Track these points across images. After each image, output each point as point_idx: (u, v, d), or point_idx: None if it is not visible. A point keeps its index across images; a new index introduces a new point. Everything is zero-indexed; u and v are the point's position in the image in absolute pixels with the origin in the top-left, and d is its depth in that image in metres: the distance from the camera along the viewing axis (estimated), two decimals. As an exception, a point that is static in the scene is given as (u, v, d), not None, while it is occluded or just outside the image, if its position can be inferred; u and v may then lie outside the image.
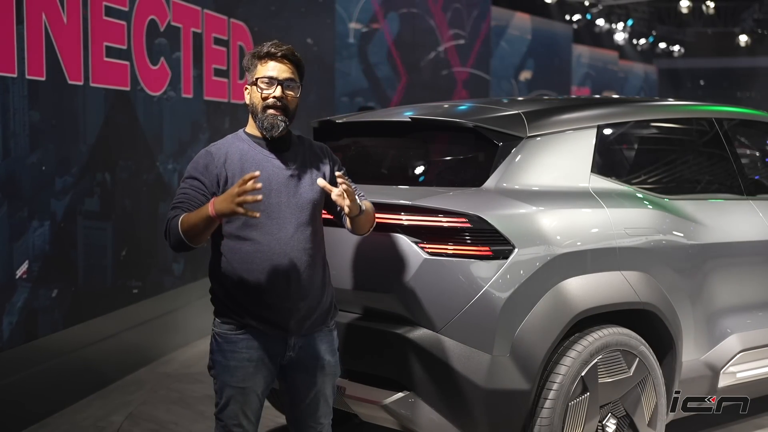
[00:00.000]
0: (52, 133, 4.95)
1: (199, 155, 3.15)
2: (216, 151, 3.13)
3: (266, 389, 3.17)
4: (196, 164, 3.12)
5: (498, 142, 3.84)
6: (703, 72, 34.42)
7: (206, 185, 3.07)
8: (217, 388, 3.14)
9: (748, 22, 27.78)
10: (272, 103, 3.08)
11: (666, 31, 29.75)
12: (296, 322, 3.13)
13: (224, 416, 3.12)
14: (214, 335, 3.16)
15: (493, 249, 3.55)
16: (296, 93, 3.13)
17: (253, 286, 3.07)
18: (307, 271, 3.12)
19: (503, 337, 3.54)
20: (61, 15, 4.99)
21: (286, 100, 3.09)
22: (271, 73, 3.09)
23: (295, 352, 3.17)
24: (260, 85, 3.09)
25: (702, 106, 4.89)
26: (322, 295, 3.21)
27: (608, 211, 3.90)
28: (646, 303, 3.91)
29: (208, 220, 2.89)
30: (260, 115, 3.10)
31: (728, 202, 4.58)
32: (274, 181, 3.10)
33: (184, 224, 2.95)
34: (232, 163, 3.09)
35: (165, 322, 6.46)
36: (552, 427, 3.60)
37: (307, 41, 9.28)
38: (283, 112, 3.09)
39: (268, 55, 3.11)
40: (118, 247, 5.72)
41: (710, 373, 4.27)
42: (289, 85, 3.10)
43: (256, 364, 3.11)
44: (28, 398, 4.84)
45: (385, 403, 3.64)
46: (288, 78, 3.10)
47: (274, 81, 3.08)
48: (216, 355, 3.15)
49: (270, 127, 3.09)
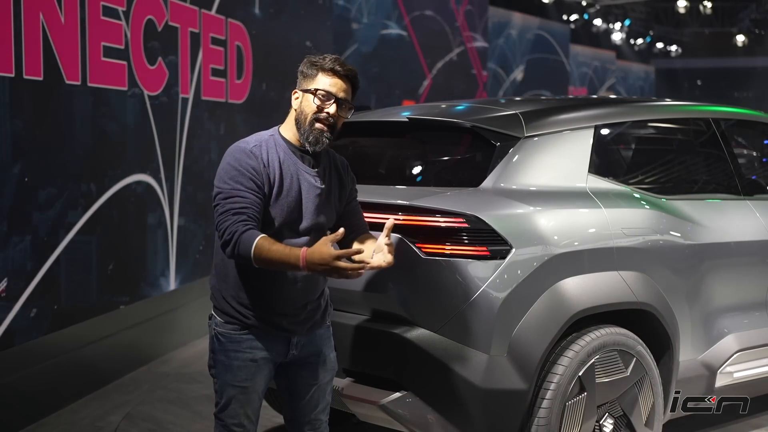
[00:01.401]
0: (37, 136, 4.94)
1: (243, 152, 3.02)
2: (258, 152, 3.04)
3: (265, 388, 3.18)
4: (242, 162, 3.00)
5: (495, 142, 3.84)
6: (700, 72, 34.49)
7: (260, 187, 2.99)
8: (218, 387, 3.14)
9: (746, 22, 27.85)
10: (324, 118, 3.04)
11: (663, 31, 29.81)
12: (301, 324, 3.15)
13: (225, 416, 3.12)
14: (216, 335, 3.15)
15: (490, 249, 3.56)
16: (347, 115, 3.11)
17: (260, 288, 3.07)
18: (313, 276, 3.12)
19: (500, 337, 3.54)
20: (59, 14, 4.99)
21: (338, 120, 3.07)
22: (332, 89, 3.04)
23: (298, 350, 3.18)
24: (319, 96, 3.04)
25: (699, 107, 4.90)
26: (321, 296, 3.24)
27: (605, 212, 3.91)
28: (643, 303, 3.91)
29: (293, 267, 2.84)
30: (307, 127, 3.05)
31: (725, 203, 4.58)
32: (305, 198, 3.08)
33: (262, 252, 2.84)
34: (273, 170, 3.03)
35: (163, 322, 6.46)
36: (549, 426, 3.61)
37: (306, 44, 9.29)
38: (330, 130, 3.06)
39: (333, 70, 3.06)
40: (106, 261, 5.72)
41: (707, 373, 4.28)
42: (344, 105, 3.07)
43: (259, 363, 3.11)
44: (25, 398, 4.84)
45: (383, 402, 3.64)
46: (346, 98, 3.07)
47: (332, 97, 3.04)
48: (218, 354, 3.14)
49: (315, 141, 3.05)
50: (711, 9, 26.84)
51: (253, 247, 2.84)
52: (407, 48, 14.59)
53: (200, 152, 6.82)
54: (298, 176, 3.08)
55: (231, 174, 2.98)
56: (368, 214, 3.70)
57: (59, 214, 5.04)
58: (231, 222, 2.90)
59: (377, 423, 3.87)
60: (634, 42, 28.94)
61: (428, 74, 15.11)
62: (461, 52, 16.39)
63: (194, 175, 6.72)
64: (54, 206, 4.98)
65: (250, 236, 2.86)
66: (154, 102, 6.16)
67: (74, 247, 5.17)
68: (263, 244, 2.85)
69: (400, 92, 14.37)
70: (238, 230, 2.88)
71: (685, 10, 25.90)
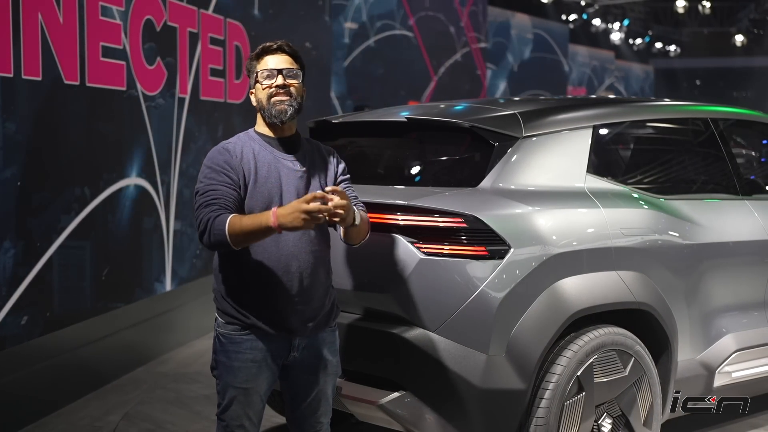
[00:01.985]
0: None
1: (217, 151, 3.11)
2: (232, 148, 3.11)
3: (268, 390, 3.18)
4: (215, 160, 3.07)
5: (494, 142, 3.84)
6: (699, 72, 34.49)
7: (234, 180, 3.03)
8: (220, 388, 3.14)
9: (744, 22, 27.86)
10: (275, 91, 3.08)
11: (662, 30, 29.82)
12: (301, 324, 3.13)
13: (227, 417, 3.12)
14: (217, 335, 3.16)
15: (489, 249, 3.56)
16: (298, 80, 3.13)
17: (261, 288, 3.07)
18: (314, 273, 3.12)
19: (499, 337, 3.54)
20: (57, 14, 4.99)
21: (290, 87, 3.09)
22: (270, 65, 3.11)
23: (299, 353, 3.17)
24: (261, 80, 3.10)
25: (697, 106, 4.90)
26: (326, 297, 3.22)
27: (604, 211, 3.91)
28: (641, 303, 3.92)
29: (267, 230, 2.86)
30: (267, 107, 3.10)
31: (724, 202, 4.59)
32: (284, 182, 3.10)
33: (235, 228, 2.89)
34: (248, 162, 3.08)
35: (162, 321, 6.46)
36: (548, 426, 3.61)
37: (306, 44, 9.29)
38: (289, 96, 3.09)
39: (264, 51, 3.14)
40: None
41: (706, 373, 4.28)
42: (290, 73, 3.11)
43: (260, 365, 3.11)
44: (24, 398, 4.84)
45: (382, 402, 3.64)
46: (288, 68, 3.11)
47: (274, 72, 3.09)
48: (219, 355, 3.14)
49: (278, 113, 3.08)
50: (710, 9, 26.85)
51: (227, 226, 2.89)
52: (412, 48, 14.61)
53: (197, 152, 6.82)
54: (276, 164, 3.11)
55: (206, 173, 3.07)
56: (370, 214, 3.70)
57: (52, 217, 5.04)
58: (204, 213, 2.97)
59: (376, 423, 3.88)
60: (633, 42, 28.94)
61: (433, 75, 15.13)
62: (466, 53, 16.41)
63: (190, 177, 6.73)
64: (47, 209, 4.99)
65: (222, 219, 2.92)
66: (151, 102, 6.16)
67: (64, 252, 5.16)
68: (234, 221, 2.90)
69: (405, 93, 14.36)
70: (210, 218, 2.95)
71: (684, 10, 25.91)
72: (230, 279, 3.12)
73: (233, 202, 3.00)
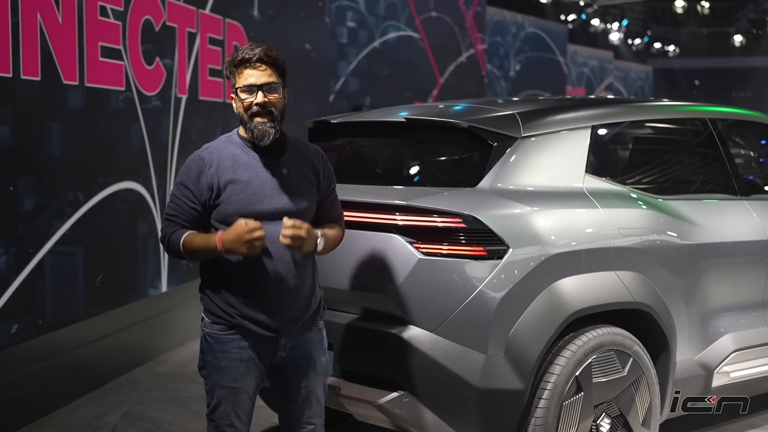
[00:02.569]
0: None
1: (192, 160, 3.11)
2: (208, 156, 3.09)
3: (257, 389, 3.17)
4: (189, 171, 3.08)
5: (492, 142, 3.84)
6: (697, 72, 34.50)
7: (196, 195, 3.05)
8: (209, 388, 3.14)
9: (743, 22, 27.88)
10: (256, 110, 3.03)
11: (661, 31, 29.83)
12: (288, 324, 3.12)
13: (216, 416, 3.12)
14: (204, 336, 3.16)
15: (487, 249, 3.56)
16: (279, 94, 3.07)
17: (247, 288, 3.07)
18: (300, 274, 3.12)
19: (498, 337, 3.55)
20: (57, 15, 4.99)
21: (270, 104, 3.04)
22: (250, 80, 3.03)
23: (286, 352, 3.16)
24: (240, 95, 3.05)
25: (696, 107, 4.90)
26: (312, 296, 3.20)
27: (602, 212, 3.91)
28: (640, 303, 3.92)
29: (214, 252, 2.99)
30: (249, 124, 3.06)
31: (722, 203, 4.59)
32: (267, 186, 3.08)
33: (187, 246, 3.03)
34: (225, 168, 3.06)
35: (160, 322, 6.46)
36: (546, 426, 3.61)
37: (305, 46, 9.28)
38: (269, 118, 3.04)
39: (242, 62, 3.05)
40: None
41: (704, 373, 4.28)
42: (270, 88, 3.05)
43: (247, 363, 3.10)
44: (22, 398, 4.84)
45: (380, 402, 3.64)
46: (267, 82, 3.04)
47: (254, 88, 3.03)
48: (207, 355, 3.15)
49: (261, 135, 3.04)
50: (708, 9, 26.87)
51: (180, 245, 3.05)
52: (417, 50, 14.58)
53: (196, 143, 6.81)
54: (259, 169, 3.09)
55: (177, 180, 3.13)
56: (366, 214, 3.71)
57: (44, 219, 5.04)
58: (163, 228, 3.12)
59: (374, 423, 3.88)
60: (632, 42, 28.95)
61: (439, 77, 15.12)
62: (471, 54, 16.39)
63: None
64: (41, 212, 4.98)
65: (177, 236, 3.06)
66: (148, 103, 6.16)
67: (57, 255, 5.16)
68: (187, 241, 3.04)
69: (411, 94, 14.33)
70: (167, 234, 3.10)
71: (683, 10, 25.93)
72: (216, 279, 3.12)
73: (191, 219, 3.08)
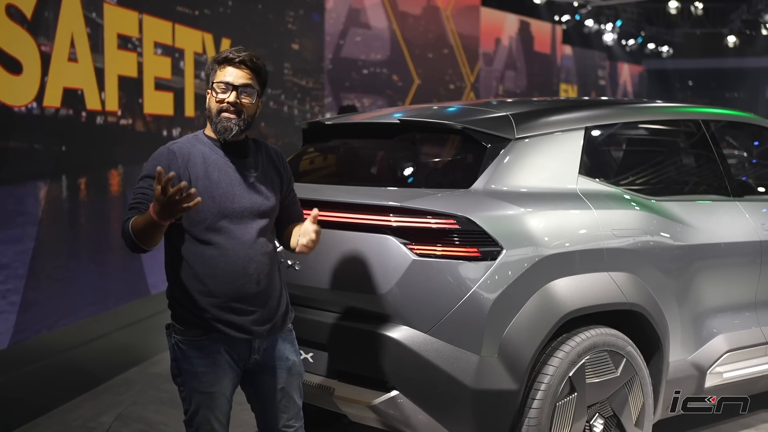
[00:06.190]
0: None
1: (160, 153, 3.07)
2: (178, 150, 3.07)
3: (233, 391, 3.16)
4: (157, 162, 3.03)
5: (486, 143, 3.85)
6: (691, 73, 34.54)
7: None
8: (185, 395, 3.11)
9: (737, 23, 27.93)
10: (226, 107, 3.04)
11: (654, 31, 29.87)
12: (260, 325, 3.12)
13: (196, 423, 3.09)
14: (176, 343, 3.13)
15: (481, 250, 3.57)
16: (253, 99, 3.08)
17: (218, 290, 3.05)
18: (269, 275, 3.12)
19: (491, 338, 3.55)
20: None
21: (241, 105, 3.05)
22: (228, 78, 3.05)
23: (260, 355, 3.16)
24: (216, 90, 3.06)
25: (689, 108, 4.92)
26: (281, 297, 3.21)
27: (596, 213, 3.93)
28: (633, 304, 3.93)
29: (154, 224, 2.81)
30: (215, 119, 3.06)
31: (715, 204, 4.61)
32: (236, 186, 3.08)
33: (135, 228, 2.88)
34: (196, 165, 3.05)
35: (154, 323, 6.45)
36: (540, 427, 3.62)
37: (292, 46, 9.28)
38: (237, 116, 3.05)
39: (226, 60, 3.07)
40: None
41: (697, 374, 4.30)
42: (245, 91, 3.06)
43: (223, 368, 3.09)
44: (18, 399, 4.84)
45: (374, 403, 3.65)
46: (244, 84, 3.06)
47: (230, 86, 3.05)
48: (181, 362, 3.12)
49: (223, 130, 3.05)
50: (702, 10, 26.90)
51: (130, 227, 2.89)
52: (396, 50, 14.56)
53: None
54: (227, 168, 3.09)
55: (143, 174, 3.04)
56: (360, 215, 3.71)
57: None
58: (124, 219, 2.95)
59: (369, 423, 3.88)
60: (626, 43, 28.96)
61: (416, 77, 15.09)
62: (455, 52, 16.41)
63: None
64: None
65: (127, 223, 2.92)
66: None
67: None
68: (134, 222, 2.89)
69: (391, 94, 14.34)
70: (123, 225, 2.94)
71: (677, 11, 25.94)
72: (185, 283, 3.08)
73: None
